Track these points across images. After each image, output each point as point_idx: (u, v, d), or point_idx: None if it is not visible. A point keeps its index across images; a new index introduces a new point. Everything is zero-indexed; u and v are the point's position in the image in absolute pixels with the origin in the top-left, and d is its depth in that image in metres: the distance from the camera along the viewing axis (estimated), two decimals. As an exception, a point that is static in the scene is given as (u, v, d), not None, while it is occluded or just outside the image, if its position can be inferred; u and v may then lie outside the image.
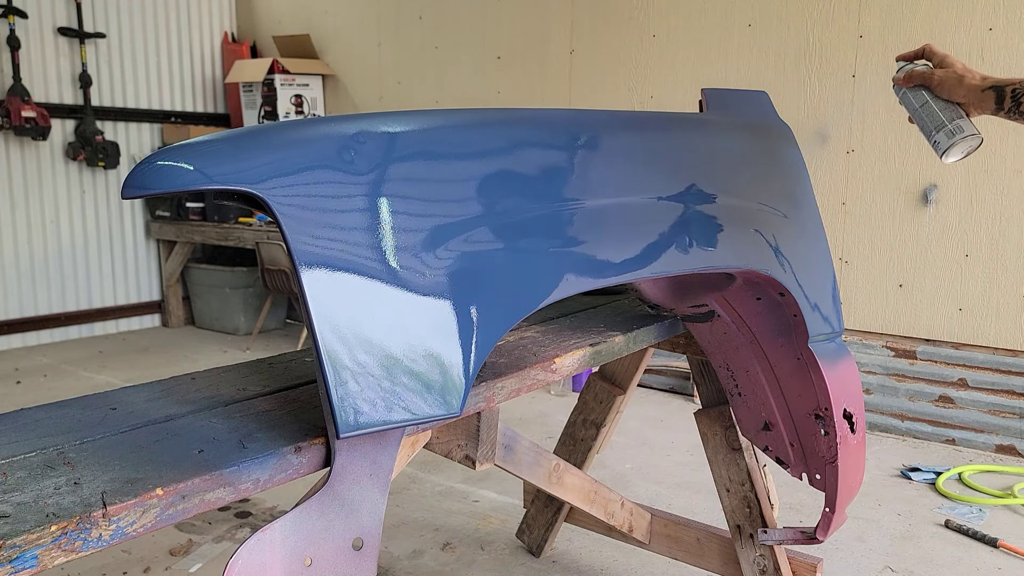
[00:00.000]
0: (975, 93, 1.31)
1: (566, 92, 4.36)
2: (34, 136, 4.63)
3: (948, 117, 1.34)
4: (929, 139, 1.37)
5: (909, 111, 1.41)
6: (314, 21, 5.48)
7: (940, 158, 1.37)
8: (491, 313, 1.04)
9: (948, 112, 1.34)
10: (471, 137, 1.11)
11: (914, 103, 1.39)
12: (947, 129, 1.34)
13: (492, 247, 1.07)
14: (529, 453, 1.58)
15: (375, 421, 0.93)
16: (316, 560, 0.94)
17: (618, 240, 1.24)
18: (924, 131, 1.38)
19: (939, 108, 1.35)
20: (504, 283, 1.07)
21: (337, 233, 0.93)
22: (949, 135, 1.33)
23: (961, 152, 1.36)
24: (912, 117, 1.41)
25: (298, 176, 0.92)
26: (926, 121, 1.37)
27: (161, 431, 1.02)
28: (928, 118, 1.36)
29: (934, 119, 1.36)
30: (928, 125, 1.36)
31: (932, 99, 1.36)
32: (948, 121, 1.34)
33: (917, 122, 1.39)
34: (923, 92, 1.38)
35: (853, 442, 1.61)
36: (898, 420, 3.43)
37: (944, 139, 1.34)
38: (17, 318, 4.81)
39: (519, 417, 3.64)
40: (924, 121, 1.37)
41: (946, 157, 1.36)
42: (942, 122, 1.35)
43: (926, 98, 1.37)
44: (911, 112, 1.40)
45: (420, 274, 0.99)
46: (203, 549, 2.39)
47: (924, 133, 1.38)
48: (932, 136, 1.35)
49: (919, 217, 3.37)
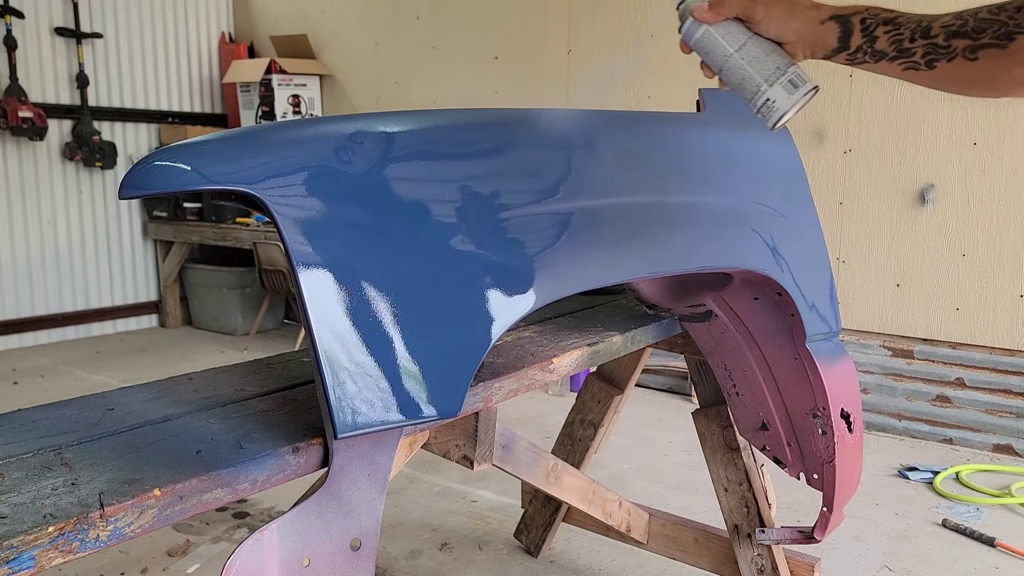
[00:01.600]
0: (812, 27, 0.96)
1: (564, 92, 4.36)
2: (31, 136, 4.62)
3: (780, 64, 0.97)
4: (757, 96, 0.98)
5: (714, 59, 1.00)
6: (311, 21, 5.47)
7: (773, 123, 1.00)
8: (489, 313, 1.04)
9: (778, 56, 0.98)
10: (469, 137, 1.11)
11: (726, 46, 0.99)
12: (785, 81, 0.97)
13: (490, 247, 1.07)
14: (527, 453, 1.58)
15: (373, 421, 0.93)
16: (314, 560, 0.94)
17: (616, 240, 1.24)
18: (746, 85, 0.99)
19: (765, 51, 0.98)
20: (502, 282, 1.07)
21: (334, 233, 0.93)
22: (790, 89, 0.97)
23: (794, 112, 1.00)
24: (717, 66, 1.01)
25: (295, 176, 0.92)
26: (749, 71, 0.98)
27: (159, 431, 1.02)
28: (752, 66, 0.98)
29: (762, 67, 0.97)
30: (754, 77, 0.98)
31: (752, 38, 0.98)
32: (783, 69, 0.97)
33: (730, 73, 1.00)
34: (737, 28, 0.98)
35: (850, 441, 1.62)
36: (895, 419, 3.44)
37: (783, 95, 0.97)
38: (14, 319, 4.81)
39: (517, 417, 3.64)
40: (745, 71, 0.98)
41: (781, 120, 1.00)
42: (775, 71, 0.97)
43: (743, 37, 0.98)
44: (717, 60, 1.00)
45: (418, 274, 0.99)
46: (201, 550, 2.38)
47: (745, 88, 0.99)
48: (762, 92, 0.98)
49: (916, 217, 3.37)
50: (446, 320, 1.00)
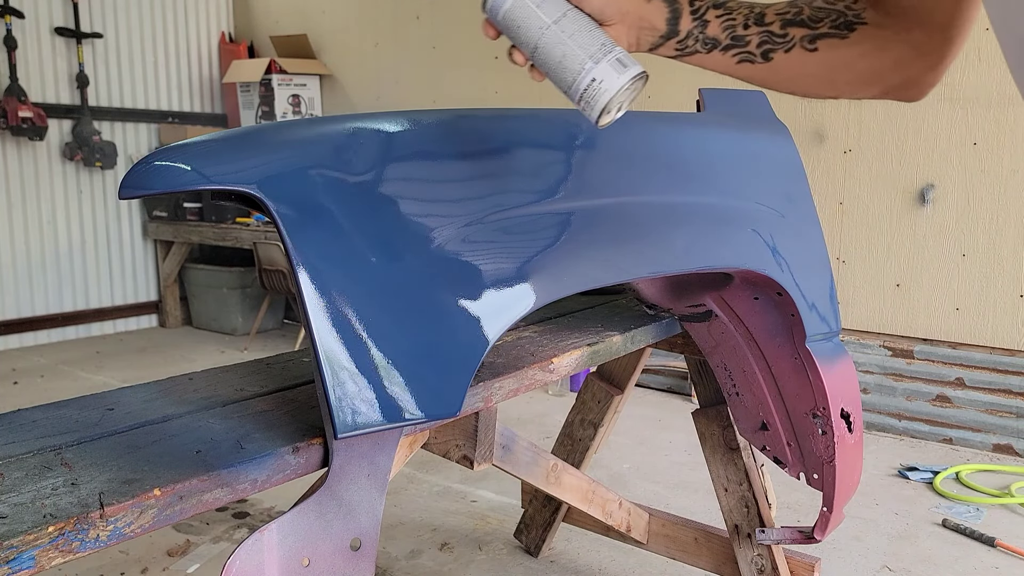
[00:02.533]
0: (637, 5, 0.83)
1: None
2: (31, 136, 4.62)
3: (607, 41, 0.82)
4: (579, 78, 0.81)
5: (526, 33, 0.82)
6: (311, 21, 5.47)
7: (596, 120, 0.84)
8: (489, 313, 1.04)
9: (602, 34, 0.82)
10: (468, 137, 1.11)
11: (543, 16, 0.81)
12: (612, 60, 0.80)
13: (490, 247, 1.07)
14: (527, 453, 1.58)
15: (373, 421, 0.93)
16: (314, 560, 0.94)
17: (616, 240, 1.24)
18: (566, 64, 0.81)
19: (587, 27, 0.82)
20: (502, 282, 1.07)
21: (334, 233, 0.93)
22: (620, 67, 0.80)
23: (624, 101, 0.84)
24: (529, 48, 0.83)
25: (295, 176, 0.92)
26: (571, 46, 0.81)
27: (159, 431, 1.02)
28: (575, 40, 0.81)
29: (586, 42, 0.81)
30: (576, 53, 0.81)
31: (571, 11, 0.82)
32: (609, 48, 0.81)
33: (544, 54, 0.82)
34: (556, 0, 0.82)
35: (850, 441, 1.62)
36: (895, 419, 3.44)
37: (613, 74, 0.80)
38: (14, 319, 4.81)
39: (517, 417, 3.64)
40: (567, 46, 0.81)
41: (607, 114, 0.84)
42: (603, 46, 0.81)
43: (564, 8, 0.81)
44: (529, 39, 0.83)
45: (418, 274, 0.99)
46: (201, 550, 2.38)
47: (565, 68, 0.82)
48: (586, 71, 0.80)
49: (916, 217, 3.37)
50: (446, 320, 1.00)
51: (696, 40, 0.84)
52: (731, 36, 0.84)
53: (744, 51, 0.84)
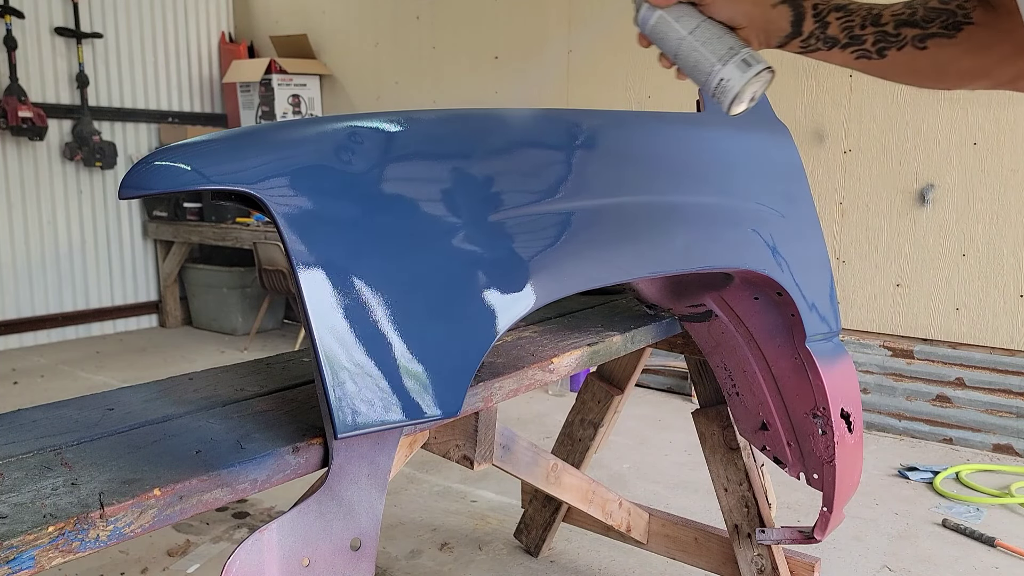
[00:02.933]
0: (763, 11, 0.95)
1: (564, 92, 4.36)
2: (31, 136, 4.62)
3: (735, 44, 0.96)
4: (711, 77, 0.97)
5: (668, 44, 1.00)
6: (311, 21, 5.47)
7: (727, 106, 0.99)
8: (489, 313, 1.04)
9: (730, 38, 0.97)
10: (468, 137, 1.11)
11: (679, 29, 0.98)
12: (738, 60, 0.95)
13: (489, 247, 1.07)
14: (527, 453, 1.58)
15: (373, 421, 0.93)
16: (314, 561, 0.94)
17: (616, 240, 1.24)
18: (700, 67, 0.98)
19: (717, 33, 0.97)
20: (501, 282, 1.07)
21: (334, 233, 0.93)
22: (743, 68, 0.95)
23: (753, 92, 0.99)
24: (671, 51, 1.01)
25: (295, 176, 0.92)
26: (703, 52, 0.97)
27: (159, 431, 1.02)
28: (706, 47, 0.97)
29: (715, 48, 0.96)
30: (708, 57, 0.97)
31: (705, 21, 0.97)
32: (736, 49, 0.96)
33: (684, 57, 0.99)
34: (690, 13, 0.98)
35: (850, 441, 1.62)
36: (895, 419, 3.44)
37: (737, 74, 0.95)
38: (14, 319, 4.81)
39: (517, 417, 3.64)
40: (700, 52, 0.97)
41: (737, 104, 0.99)
42: (728, 51, 0.96)
43: (697, 20, 0.98)
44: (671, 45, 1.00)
45: (418, 274, 0.99)
46: (201, 550, 2.38)
47: (699, 71, 0.98)
48: (716, 72, 0.96)
49: (916, 217, 3.37)
50: (446, 320, 1.00)
51: (818, 39, 0.94)
52: (849, 35, 0.92)
53: (861, 48, 0.93)
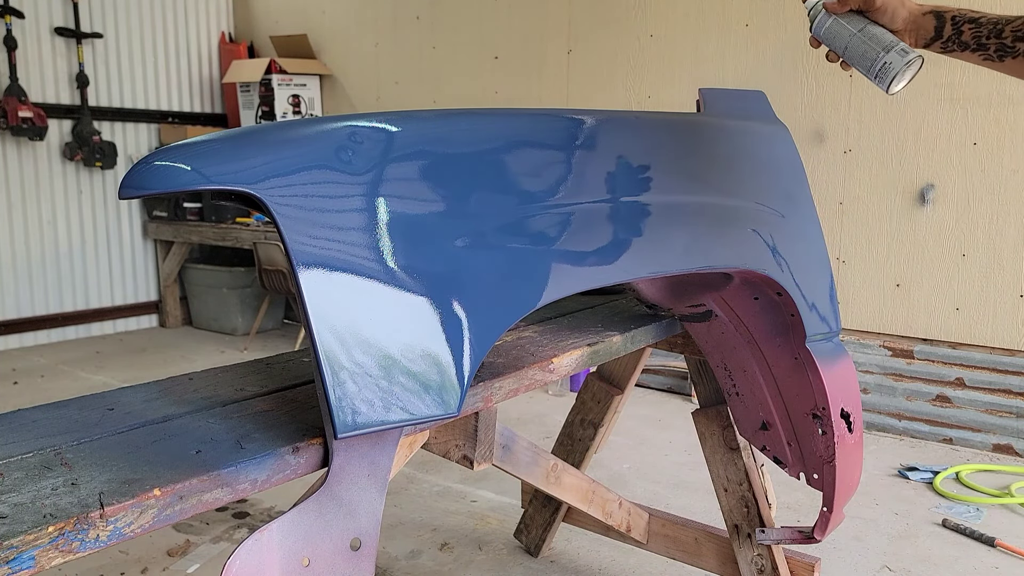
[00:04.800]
0: (915, 17, 1.24)
1: (564, 92, 4.36)
2: (31, 136, 4.62)
3: (893, 39, 1.24)
4: (875, 63, 1.24)
5: (837, 42, 1.28)
6: (311, 21, 5.47)
7: (888, 86, 1.25)
8: (489, 313, 1.04)
9: (889, 35, 1.24)
10: (468, 138, 1.11)
11: (850, 28, 1.27)
12: (898, 49, 1.22)
13: (489, 247, 1.07)
14: (527, 453, 1.58)
15: (373, 421, 0.93)
16: (314, 560, 0.94)
17: (615, 240, 1.24)
18: (865, 58, 1.25)
19: (880, 32, 1.25)
20: (501, 283, 1.07)
21: (335, 233, 0.93)
22: (902, 55, 1.22)
23: (908, 77, 1.25)
24: (842, 48, 1.28)
25: (295, 176, 0.92)
26: (869, 46, 1.25)
27: (159, 431, 1.02)
28: (871, 41, 1.25)
29: (880, 41, 1.24)
30: (874, 48, 1.24)
31: (870, 24, 1.26)
32: (895, 42, 1.24)
33: (852, 51, 1.27)
34: (859, 17, 1.27)
35: (850, 441, 1.62)
36: (895, 419, 3.44)
37: (897, 59, 1.22)
38: (14, 319, 4.81)
39: (517, 417, 3.64)
40: (866, 46, 1.25)
41: (896, 83, 1.25)
42: (890, 43, 1.24)
43: (864, 23, 1.26)
44: (842, 42, 1.27)
45: (418, 274, 0.99)
46: (201, 550, 2.38)
47: (865, 59, 1.25)
48: (880, 58, 1.23)
49: (916, 217, 3.37)
50: (446, 320, 1.00)
51: (954, 43, 1.21)
52: (977, 43, 1.20)
53: (986, 53, 1.20)
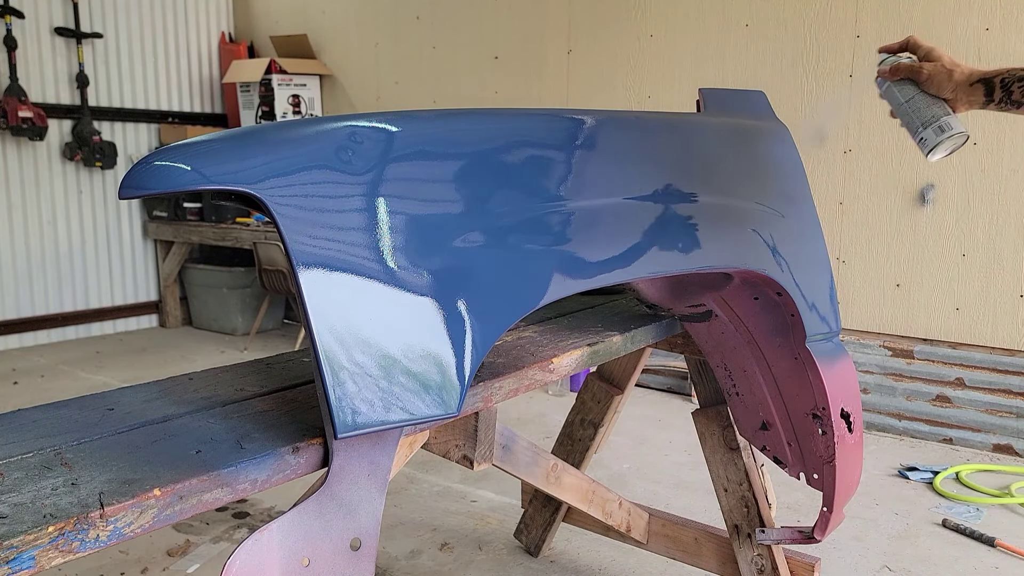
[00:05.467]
0: (964, 88, 1.29)
1: (564, 92, 4.36)
2: (31, 136, 4.62)
3: (936, 113, 1.32)
4: (915, 135, 1.34)
5: (893, 105, 1.38)
6: (311, 21, 5.47)
7: (926, 156, 1.35)
8: (489, 313, 1.04)
9: (936, 108, 1.32)
10: (468, 137, 1.11)
11: (900, 97, 1.36)
12: (935, 126, 1.31)
13: (489, 247, 1.07)
14: (527, 453, 1.58)
15: (373, 421, 0.93)
16: (314, 560, 0.94)
17: (615, 240, 1.24)
18: (910, 127, 1.35)
19: (926, 104, 1.33)
20: (502, 283, 1.07)
21: (335, 233, 0.93)
22: (937, 132, 1.31)
23: (947, 149, 1.34)
24: (895, 112, 1.38)
25: (295, 176, 0.92)
26: (912, 117, 1.34)
27: (159, 431, 1.02)
28: (915, 114, 1.33)
29: (921, 115, 1.33)
30: (915, 121, 1.33)
31: (919, 94, 1.34)
32: (936, 118, 1.32)
33: (901, 117, 1.36)
34: (909, 86, 1.35)
35: (850, 441, 1.62)
36: (895, 419, 3.44)
37: (932, 136, 1.31)
38: (14, 319, 4.81)
39: (517, 417, 3.64)
40: (910, 117, 1.34)
41: (932, 155, 1.34)
42: (930, 118, 1.32)
43: (912, 92, 1.34)
44: (895, 107, 1.37)
45: (418, 274, 0.99)
46: (201, 550, 2.38)
47: (909, 129, 1.35)
48: (919, 133, 1.33)
49: (916, 217, 3.37)
50: (446, 320, 1.00)
51: (1007, 103, 1.26)
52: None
53: None
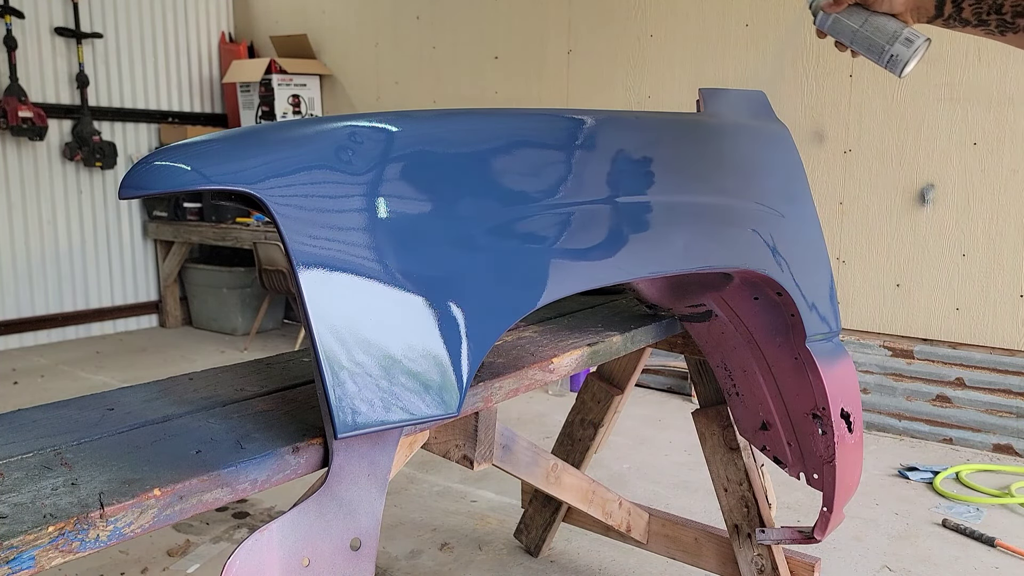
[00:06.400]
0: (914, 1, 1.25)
1: (564, 92, 4.36)
2: (31, 136, 4.62)
3: (896, 28, 1.25)
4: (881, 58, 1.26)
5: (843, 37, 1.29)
6: (311, 21, 5.47)
7: (900, 73, 1.27)
8: (489, 313, 1.04)
9: (893, 23, 1.26)
10: (467, 138, 1.11)
11: (852, 25, 1.28)
12: (902, 39, 1.24)
13: (490, 247, 1.07)
14: (527, 453, 1.58)
15: (373, 421, 0.93)
16: (314, 560, 0.94)
17: (615, 240, 1.24)
18: (872, 51, 1.27)
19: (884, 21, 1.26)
20: (502, 283, 1.07)
21: (335, 233, 0.93)
22: (907, 44, 1.24)
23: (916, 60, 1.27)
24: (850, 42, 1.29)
25: (295, 176, 0.92)
26: (874, 39, 1.26)
27: (159, 431, 1.02)
28: (875, 35, 1.26)
29: (883, 34, 1.26)
30: (878, 42, 1.26)
31: (872, 15, 1.27)
32: (899, 32, 1.25)
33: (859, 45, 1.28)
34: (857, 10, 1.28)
35: (850, 441, 1.62)
36: (895, 419, 3.44)
37: (903, 50, 1.24)
38: (14, 319, 4.81)
39: (517, 417, 3.64)
40: (871, 39, 1.26)
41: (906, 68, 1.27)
42: (893, 34, 1.25)
43: (865, 15, 1.27)
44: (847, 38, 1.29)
45: (418, 274, 0.99)
46: (201, 550, 2.38)
47: (872, 54, 1.27)
48: (886, 52, 1.25)
49: (916, 216, 3.37)
50: (446, 320, 1.00)
51: (955, 20, 1.21)
52: (978, 19, 1.20)
53: (987, 28, 1.21)
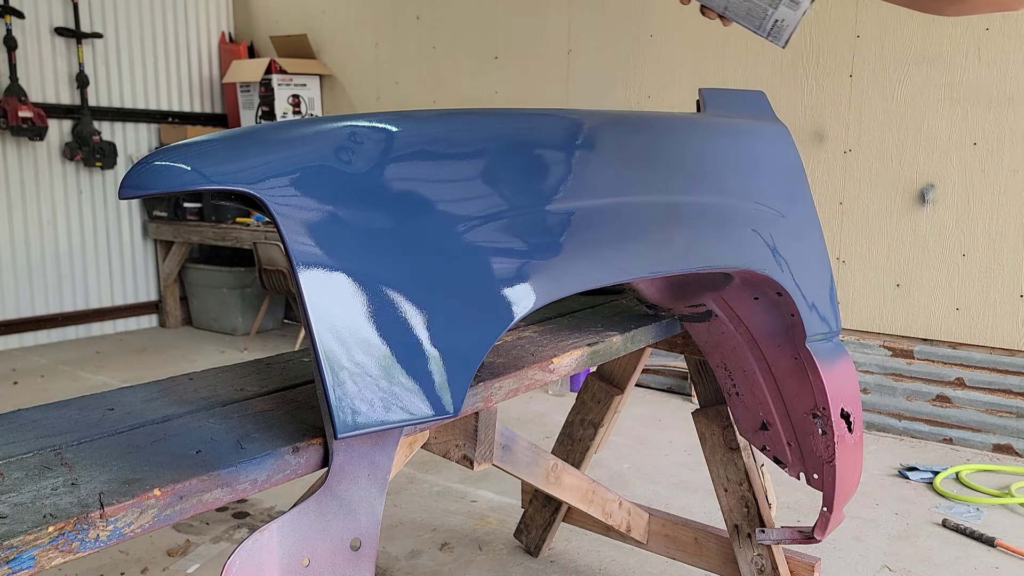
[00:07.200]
0: None
1: (564, 92, 4.36)
2: (31, 136, 4.62)
3: None
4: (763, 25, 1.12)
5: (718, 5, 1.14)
6: (311, 21, 5.47)
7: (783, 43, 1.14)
8: (489, 313, 1.04)
9: None
10: (468, 137, 1.11)
11: None
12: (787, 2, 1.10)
13: (489, 247, 1.07)
14: (527, 453, 1.58)
15: (373, 421, 0.93)
16: (314, 560, 0.94)
17: (616, 240, 1.24)
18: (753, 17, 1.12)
19: None
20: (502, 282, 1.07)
21: (335, 233, 0.93)
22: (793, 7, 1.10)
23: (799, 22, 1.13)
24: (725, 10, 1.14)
25: (295, 176, 0.92)
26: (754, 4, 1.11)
27: (159, 431, 1.02)
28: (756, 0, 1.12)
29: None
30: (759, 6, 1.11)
31: None
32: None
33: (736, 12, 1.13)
34: None
35: (850, 441, 1.62)
36: (895, 419, 3.44)
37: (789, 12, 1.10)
38: (14, 319, 4.81)
39: (517, 417, 3.64)
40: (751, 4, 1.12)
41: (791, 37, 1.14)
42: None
43: None
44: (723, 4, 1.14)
45: (418, 273, 0.99)
46: (201, 550, 2.38)
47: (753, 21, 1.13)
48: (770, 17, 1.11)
49: (916, 216, 3.37)
50: (446, 320, 1.00)
51: None
52: None
53: None
